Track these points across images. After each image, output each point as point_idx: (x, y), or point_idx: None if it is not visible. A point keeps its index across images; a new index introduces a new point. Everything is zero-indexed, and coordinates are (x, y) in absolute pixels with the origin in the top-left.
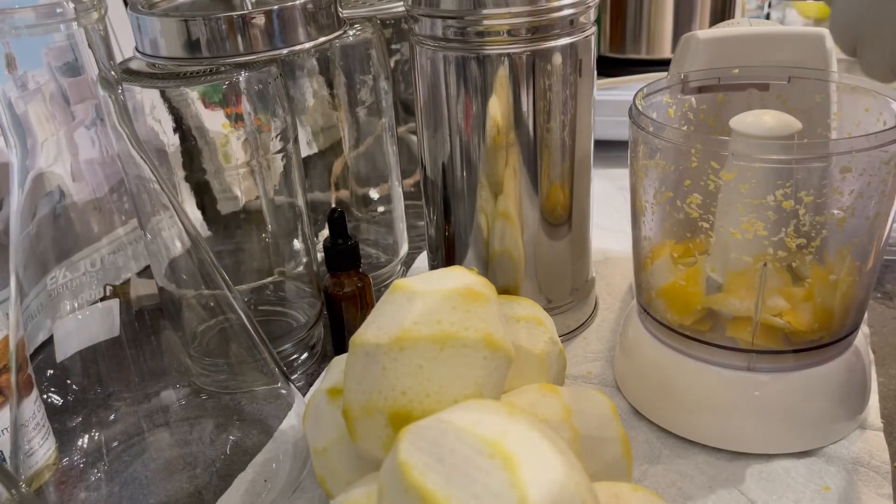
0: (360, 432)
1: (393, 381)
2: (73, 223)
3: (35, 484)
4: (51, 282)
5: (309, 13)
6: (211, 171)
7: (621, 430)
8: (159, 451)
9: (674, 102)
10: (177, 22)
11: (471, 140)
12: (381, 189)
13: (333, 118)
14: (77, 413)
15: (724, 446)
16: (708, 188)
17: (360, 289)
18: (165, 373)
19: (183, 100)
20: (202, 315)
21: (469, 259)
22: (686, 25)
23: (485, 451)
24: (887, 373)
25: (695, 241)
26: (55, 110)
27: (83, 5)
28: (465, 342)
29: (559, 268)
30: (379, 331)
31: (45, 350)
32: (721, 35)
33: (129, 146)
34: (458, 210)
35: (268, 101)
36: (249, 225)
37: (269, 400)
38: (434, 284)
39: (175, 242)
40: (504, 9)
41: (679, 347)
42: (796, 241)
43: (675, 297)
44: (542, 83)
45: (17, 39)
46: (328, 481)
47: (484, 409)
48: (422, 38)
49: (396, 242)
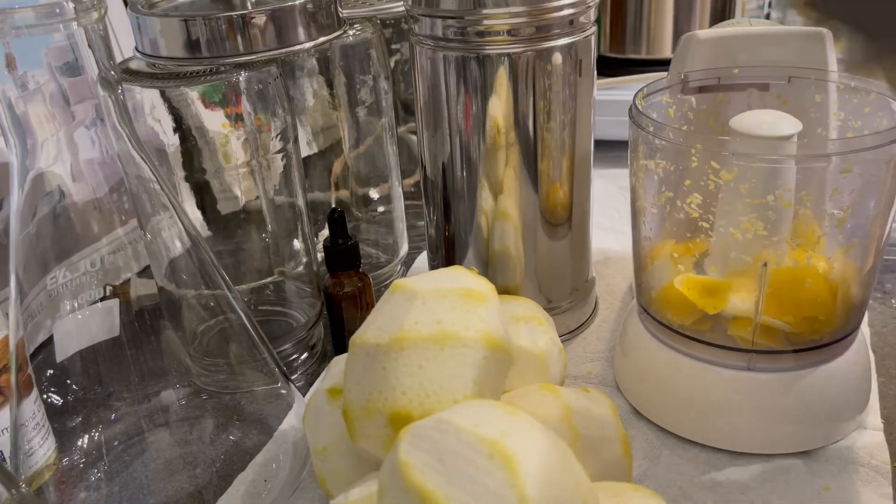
0: (360, 432)
1: (393, 381)
2: (73, 223)
3: (35, 484)
4: (51, 282)
5: (309, 13)
6: (211, 171)
7: (621, 430)
8: (159, 451)
9: (674, 102)
10: (177, 22)
11: (471, 140)
12: (381, 189)
13: (333, 118)
14: (77, 413)
15: (724, 446)
16: (708, 188)
17: (360, 289)
18: (165, 373)
19: (183, 100)
20: (202, 315)
21: (469, 259)
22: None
23: (485, 451)
24: (887, 373)
25: (695, 241)
26: (55, 110)
27: (83, 5)
28: (465, 342)
29: (559, 268)
30: (379, 331)
31: (45, 350)
32: (721, 35)
33: (129, 146)
34: (458, 210)
35: (268, 101)
36: (249, 225)
37: (269, 400)
38: (434, 284)
39: (175, 242)
40: (504, 9)
41: (679, 347)
42: (796, 241)
43: (675, 297)
44: (542, 83)
45: (17, 39)
46: (328, 481)
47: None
48: (422, 38)
49: (396, 242)
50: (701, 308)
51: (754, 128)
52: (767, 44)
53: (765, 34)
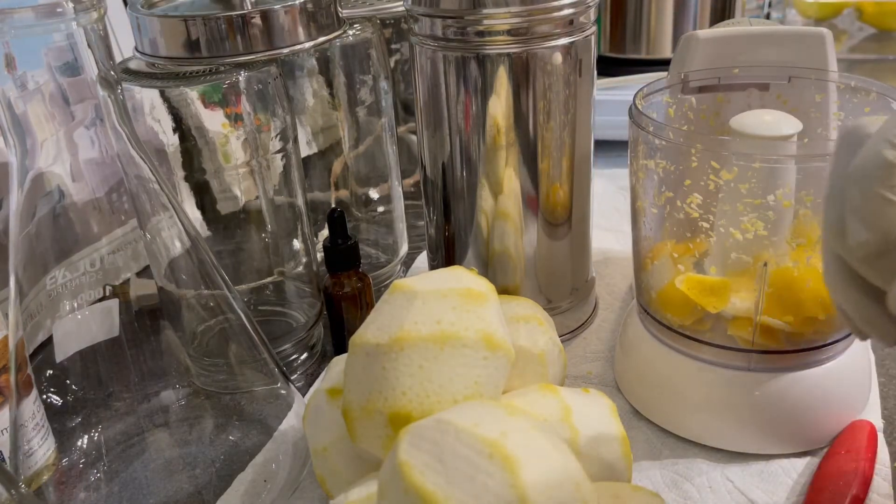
0: (359, 432)
1: (393, 381)
2: (73, 223)
3: (34, 484)
4: (50, 282)
5: (309, 13)
6: (210, 171)
7: (621, 430)
8: (159, 451)
9: (674, 102)
10: (176, 22)
11: (471, 140)
12: (381, 189)
13: (333, 118)
14: (76, 413)
15: (724, 446)
16: (708, 188)
17: (359, 289)
18: (165, 373)
19: (182, 100)
20: (202, 315)
21: (469, 259)
22: (686, 25)
23: (485, 451)
24: (887, 373)
25: (695, 241)
26: (55, 110)
27: (82, 5)
28: (465, 342)
29: (559, 268)
30: (379, 331)
31: (45, 350)
32: (721, 35)
33: (128, 146)
34: (458, 210)
35: (267, 101)
36: (249, 225)
37: (269, 400)
38: (434, 284)
39: (175, 242)
40: (504, 8)
41: (679, 347)
42: (796, 241)
43: (675, 296)
44: (542, 83)
45: (17, 39)
46: (328, 481)
47: (484, 409)
48: (422, 38)
49: (396, 242)
50: (703, 307)
51: (754, 128)
52: (767, 44)
53: (765, 34)
